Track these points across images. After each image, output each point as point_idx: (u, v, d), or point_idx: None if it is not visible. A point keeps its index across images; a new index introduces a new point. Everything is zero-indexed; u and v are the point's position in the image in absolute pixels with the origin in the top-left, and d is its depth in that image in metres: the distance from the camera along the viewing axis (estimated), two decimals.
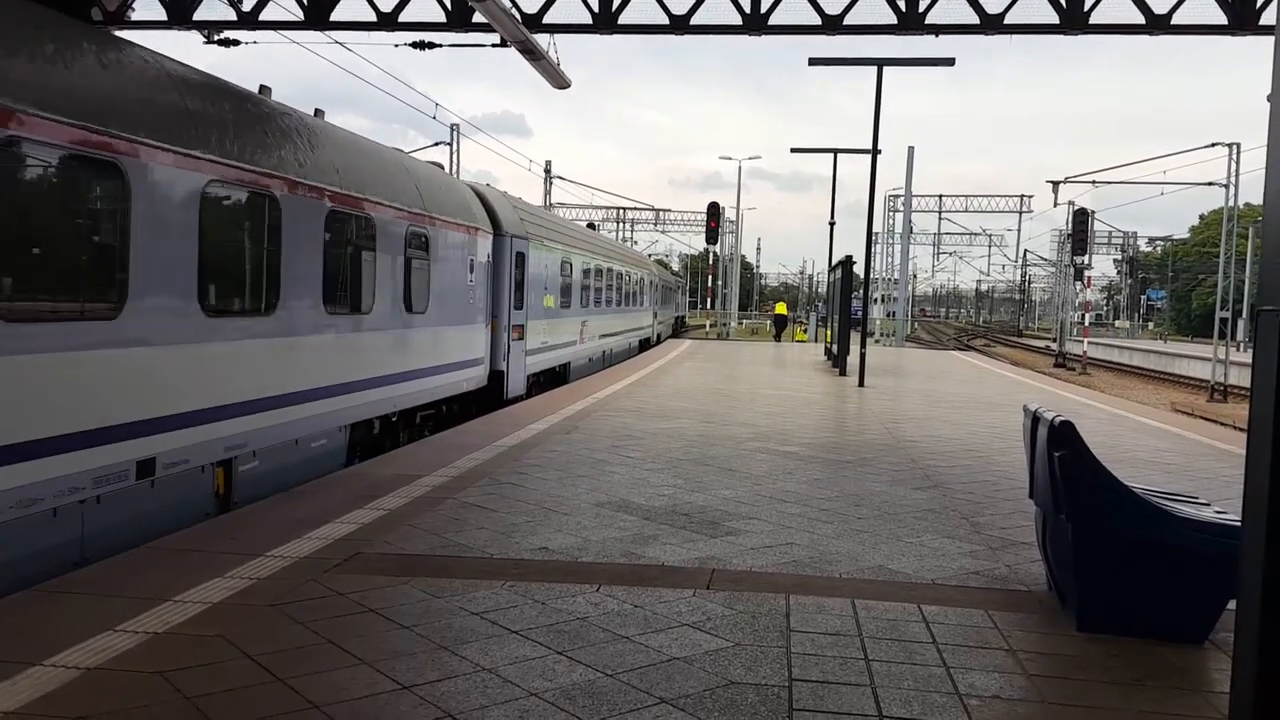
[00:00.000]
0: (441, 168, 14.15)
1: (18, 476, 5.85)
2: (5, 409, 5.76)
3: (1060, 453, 5.00)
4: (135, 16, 11.83)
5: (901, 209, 48.67)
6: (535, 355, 17.64)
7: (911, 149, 46.53)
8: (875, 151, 21.09)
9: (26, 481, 5.93)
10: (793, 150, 45.68)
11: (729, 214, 55.76)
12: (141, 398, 6.98)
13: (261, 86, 9.59)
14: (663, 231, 71.55)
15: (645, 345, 35.44)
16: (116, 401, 6.70)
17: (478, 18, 11.70)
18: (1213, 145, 38.35)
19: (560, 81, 14.28)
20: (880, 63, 19.55)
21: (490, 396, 15.09)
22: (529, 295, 16.95)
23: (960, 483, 9.13)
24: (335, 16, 12.33)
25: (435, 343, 12.55)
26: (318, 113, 11.08)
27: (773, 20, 11.93)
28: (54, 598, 5.09)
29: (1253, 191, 42.57)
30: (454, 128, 36.64)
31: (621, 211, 68.56)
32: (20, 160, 5.96)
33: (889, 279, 56.84)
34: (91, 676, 4.10)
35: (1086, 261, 46.96)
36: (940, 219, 66.99)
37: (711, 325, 54.27)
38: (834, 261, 28.96)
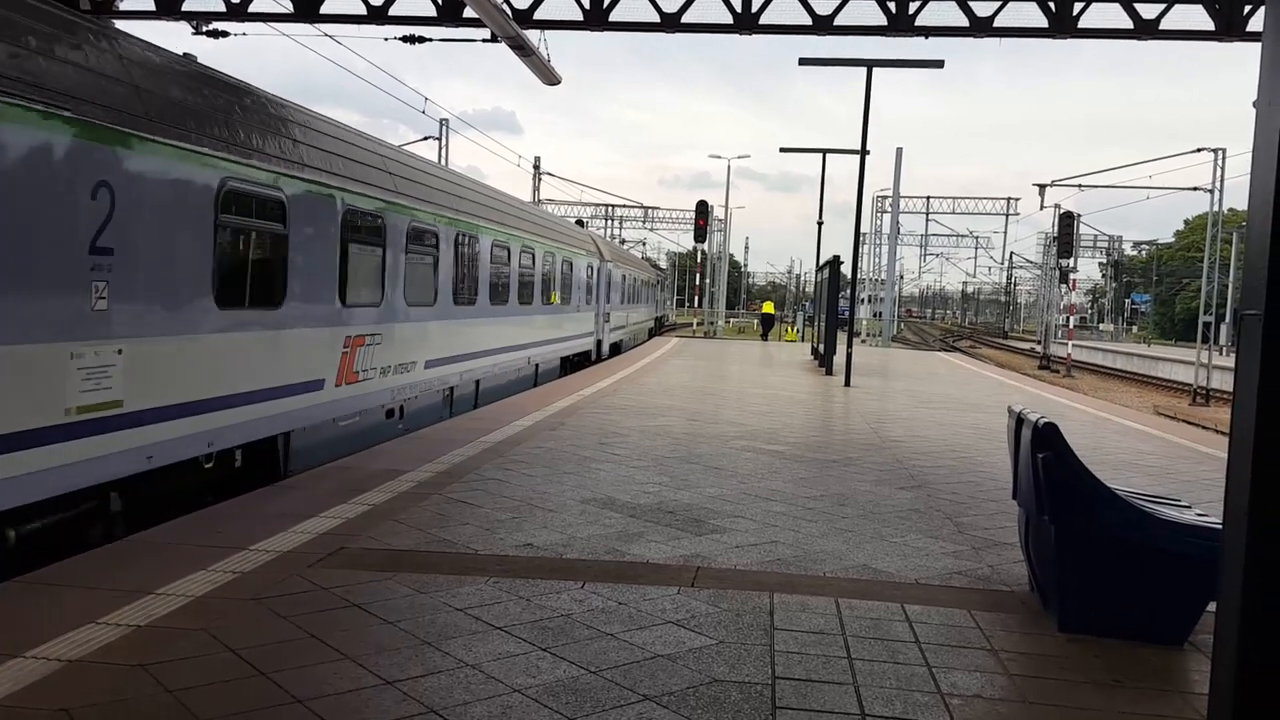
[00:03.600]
0: None
1: None
2: None
3: (1044, 454, 5.03)
4: (124, 7, 11.76)
5: (889, 210, 48.80)
6: None
7: (899, 150, 46.60)
8: (864, 152, 21.17)
9: None
10: (782, 150, 45.71)
11: (717, 212, 55.82)
12: None
13: None
14: (651, 229, 71.57)
15: (581, 362, 24.19)
16: None
17: (468, 12, 11.68)
18: (1199, 150, 38.64)
19: (550, 77, 14.27)
20: (870, 64, 19.60)
21: None
22: None
23: (944, 483, 9.17)
24: (325, 10, 12.29)
25: None
26: None
27: (764, 20, 11.96)
28: (35, 590, 5.06)
29: (1238, 197, 42.94)
30: (443, 123, 36.65)
31: (610, 209, 68.59)
32: None
33: (876, 279, 56.99)
34: (73, 669, 4.08)
35: (1072, 264, 47.18)
36: (927, 220, 67.29)
37: (699, 324, 54.24)
38: (822, 261, 29.03)
